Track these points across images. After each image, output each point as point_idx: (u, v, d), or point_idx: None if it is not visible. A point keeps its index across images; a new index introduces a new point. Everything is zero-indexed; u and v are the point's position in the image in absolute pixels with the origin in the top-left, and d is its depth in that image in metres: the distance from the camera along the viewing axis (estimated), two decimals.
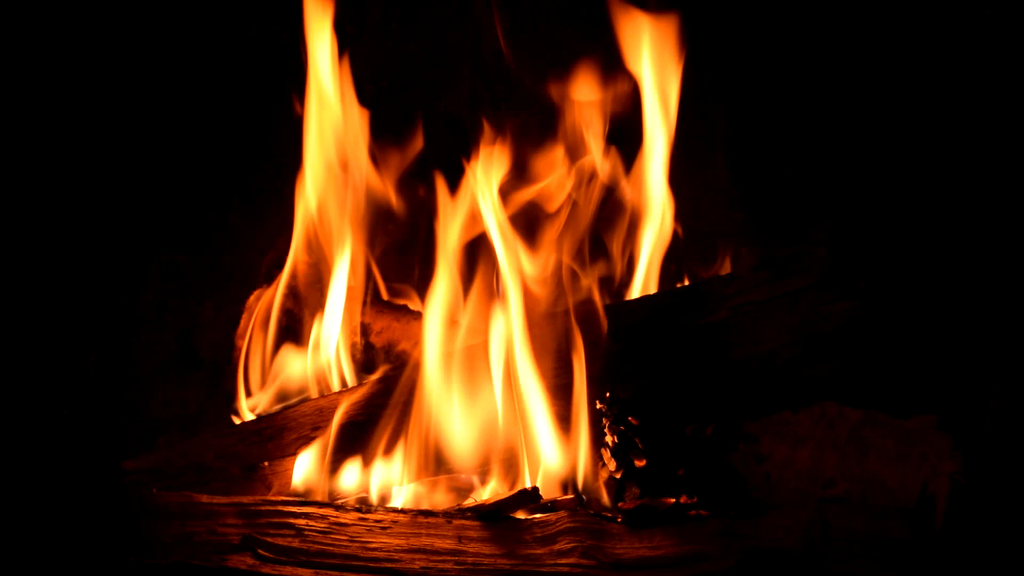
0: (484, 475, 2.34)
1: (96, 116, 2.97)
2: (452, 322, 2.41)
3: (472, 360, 2.32)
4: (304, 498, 2.16)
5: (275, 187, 2.76)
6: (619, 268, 2.60)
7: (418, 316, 2.65)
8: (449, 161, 2.58)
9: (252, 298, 2.71)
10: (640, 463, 2.14)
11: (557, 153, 2.62)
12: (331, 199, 2.62)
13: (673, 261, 2.63)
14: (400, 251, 2.86)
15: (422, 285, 2.60)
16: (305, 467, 2.26)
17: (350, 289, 2.62)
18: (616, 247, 2.62)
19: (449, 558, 1.93)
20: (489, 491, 2.28)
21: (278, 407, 2.51)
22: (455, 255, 2.47)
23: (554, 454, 2.23)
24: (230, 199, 3.02)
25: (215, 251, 3.02)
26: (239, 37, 2.99)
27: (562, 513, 2.03)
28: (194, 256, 3.02)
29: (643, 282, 2.57)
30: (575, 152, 2.64)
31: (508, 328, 2.31)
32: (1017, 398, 2.11)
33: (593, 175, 2.60)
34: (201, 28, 3.00)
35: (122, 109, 2.98)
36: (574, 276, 2.51)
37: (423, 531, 1.98)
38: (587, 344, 2.28)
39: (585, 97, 2.66)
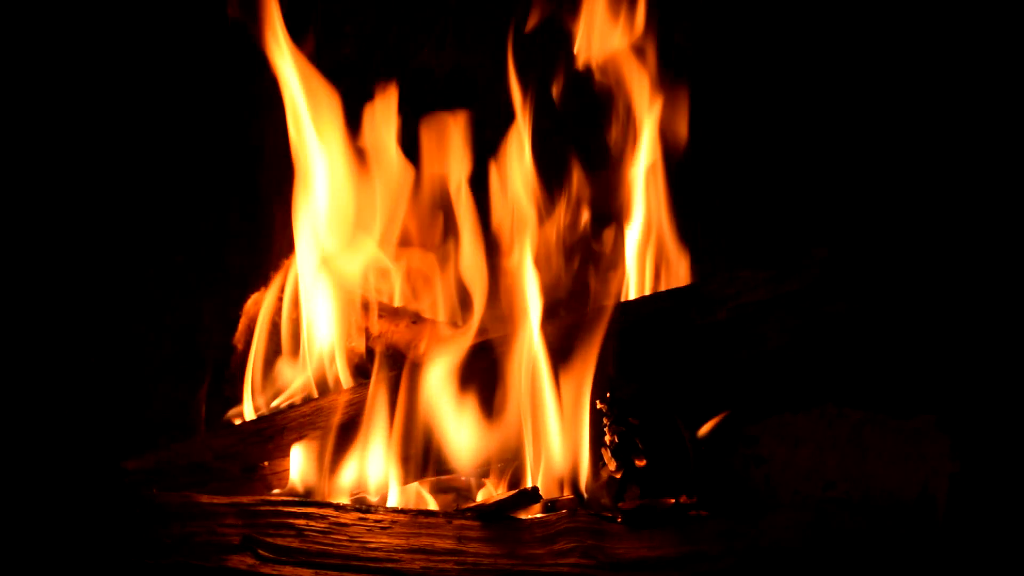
0: (484, 475, 2.34)
1: (97, 117, 2.97)
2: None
3: (472, 361, 2.31)
4: (304, 498, 2.16)
5: (276, 188, 2.76)
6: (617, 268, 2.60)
7: (417, 319, 2.65)
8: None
9: (250, 302, 2.72)
10: (640, 463, 2.14)
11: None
12: (333, 200, 2.62)
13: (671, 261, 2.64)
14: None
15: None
16: (304, 467, 2.26)
17: (348, 293, 2.62)
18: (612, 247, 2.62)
19: (449, 558, 1.93)
20: (489, 491, 2.28)
21: (278, 408, 2.51)
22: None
23: (555, 454, 2.23)
24: (231, 200, 3.03)
25: (215, 252, 3.02)
26: (241, 39, 3.00)
27: (562, 513, 2.03)
28: (194, 256, 3.02)
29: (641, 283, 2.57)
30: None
31: (510, 329, 2.31)
32: (1017, 398, 2.11)
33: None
34: (202, 32, 3.00)
35: (123, 110, 2.98)
36: (573, 276, 2.51)
37: (423, 531, 1.98)
38: (588, 344, 2.27)
39: None
